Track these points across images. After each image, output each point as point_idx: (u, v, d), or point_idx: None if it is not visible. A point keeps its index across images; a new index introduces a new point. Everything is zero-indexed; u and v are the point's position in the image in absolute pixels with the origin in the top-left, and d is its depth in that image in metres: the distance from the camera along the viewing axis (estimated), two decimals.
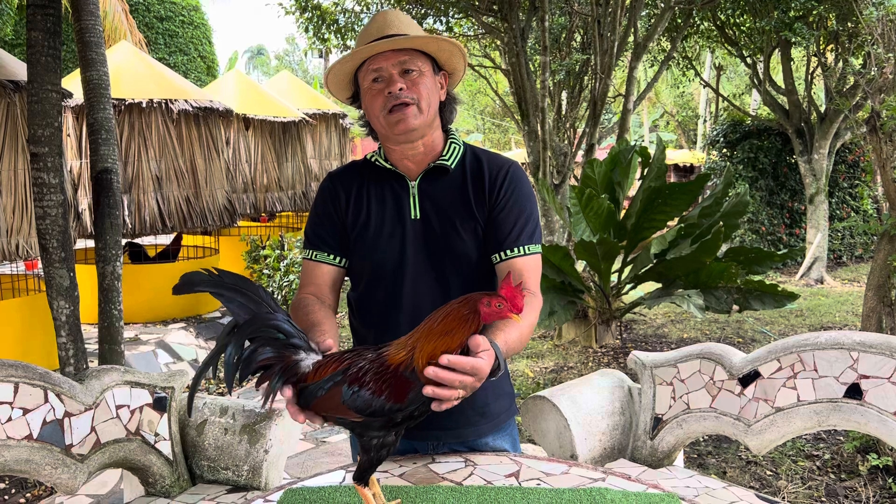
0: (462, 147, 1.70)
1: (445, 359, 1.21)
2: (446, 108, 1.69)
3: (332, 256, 1.69)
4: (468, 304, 1.24)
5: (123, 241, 6.56)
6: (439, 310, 1.27)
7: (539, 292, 1.63)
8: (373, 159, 1.71)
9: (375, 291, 1.69)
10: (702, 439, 3.99)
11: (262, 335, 1.28)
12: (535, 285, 1.63)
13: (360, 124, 1.72)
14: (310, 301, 1.61)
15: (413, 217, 1.65)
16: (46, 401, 1.85)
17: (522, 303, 1.23)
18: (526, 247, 1.62)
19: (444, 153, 1.66)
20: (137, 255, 6.98)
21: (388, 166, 1.68)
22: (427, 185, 1.66)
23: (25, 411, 1.80)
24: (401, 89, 1.55)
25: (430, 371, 1.20)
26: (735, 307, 5.24)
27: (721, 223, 5.28)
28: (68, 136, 6.11)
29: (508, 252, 1.61)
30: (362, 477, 1.32)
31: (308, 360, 1.31)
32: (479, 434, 1.73)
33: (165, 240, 7.90)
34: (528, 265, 1.62)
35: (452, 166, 1.67)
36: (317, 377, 1.29)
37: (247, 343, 1.28)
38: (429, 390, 1.22)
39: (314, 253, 1.70)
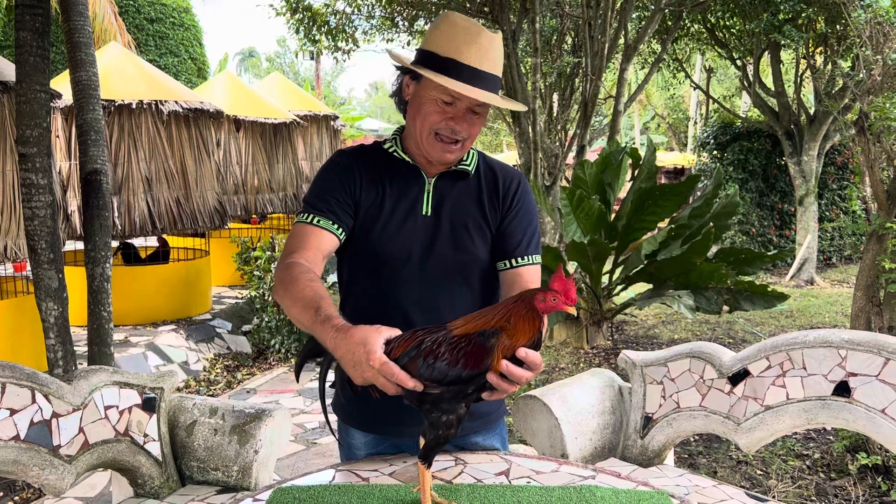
0: (476, 154, 1.75)
1: (523, 352, 1.24)
2: None
3: (335, 226, 1.60)
4: (524, 302, 1.26)
5: (116, 242, 6.53)
6: (494, 308, 1.29)
7: None
8: (390, 150, 1.69)
9: (374, 282, 1.67)
10: (692, 439, 4.00)
11: None
12: None
13: (392, 95, 1.71)
14: (309, 270, 1.50)
15: (425, 213, 1.66)
16: (34, 401, 1.83)
17: (575, 294, 1.24)
18: (532, 256, 1.68)
19: (464, 159, 1.70)
20: (130, 255, 6.94)
21: (407, 159, 1.68)
22: (443, 184, 1.68)
23: (12, 412, 1.79)
24: (460, 129, 1.59)
25: (504, 366, 1.24)
26: (725, 308, 5.26)
27: (711, 224, 5.30)
28: (57, 137, 6.06)
29: (519, 260, 1.67)
30: (427, 456, 1.34)
31: None
32: (464, 431, 1.73)
33: (151, 242, 7.86)
34: (533, 274, 1.68)
35: (472, 172, 1.71)
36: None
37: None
38: (493, 378, 1.25)
39: (316, 218, 1.59)
